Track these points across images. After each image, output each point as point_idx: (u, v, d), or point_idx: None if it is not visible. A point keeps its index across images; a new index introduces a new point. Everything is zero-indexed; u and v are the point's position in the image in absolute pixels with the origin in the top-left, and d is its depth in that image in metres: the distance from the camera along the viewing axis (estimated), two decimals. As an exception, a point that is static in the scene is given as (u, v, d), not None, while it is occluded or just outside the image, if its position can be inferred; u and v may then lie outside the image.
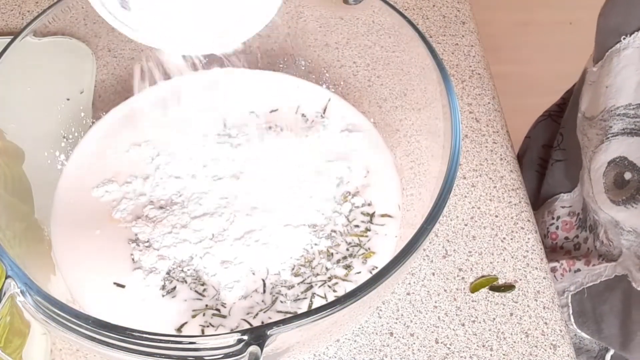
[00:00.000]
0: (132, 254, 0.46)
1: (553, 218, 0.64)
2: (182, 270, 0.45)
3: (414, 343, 0.49)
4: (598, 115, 0.53)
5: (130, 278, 0.45)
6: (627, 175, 0.50)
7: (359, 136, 0.54)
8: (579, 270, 0.58)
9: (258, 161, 0.51)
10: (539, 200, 0.67)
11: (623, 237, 0.52)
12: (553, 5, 1.69)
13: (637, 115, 0.50)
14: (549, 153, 0.70)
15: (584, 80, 0.59)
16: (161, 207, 0.49)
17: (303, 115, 0.55)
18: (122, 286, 0.45)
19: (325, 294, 0.45)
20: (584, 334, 0.59)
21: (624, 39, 0.50)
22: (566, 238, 0.63)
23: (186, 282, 0.45)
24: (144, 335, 0.32)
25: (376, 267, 0.46)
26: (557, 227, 0.64)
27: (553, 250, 0.61)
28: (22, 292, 0.34)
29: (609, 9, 0.53)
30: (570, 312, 0.59)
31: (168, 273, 0.45)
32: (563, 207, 0.64)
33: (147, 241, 0.47)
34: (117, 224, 0.48)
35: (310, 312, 0.33)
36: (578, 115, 0.59)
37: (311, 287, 0.45)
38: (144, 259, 0.46)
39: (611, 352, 0.58)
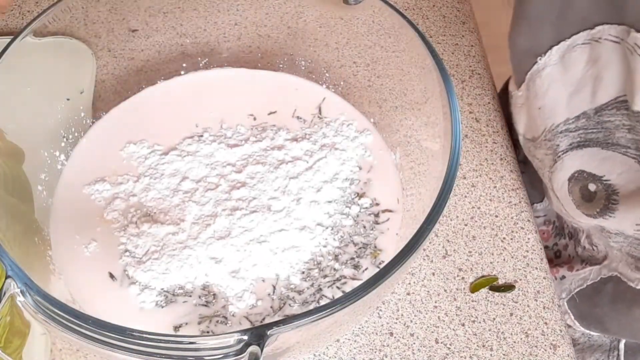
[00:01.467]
0: (125, 270, 0.46)
1: None
2: (182, 288, 0.45)
3: (414, 343, 0.49)
4: (540, 137, 0.53)
5: (127, 290, 0.45)
6: (592, 187, 0.50)
7: (359, 136, 0.54)
8: (564, 277, 0.58)
9: (257, 162, 0.51)
10: None
11: (611, 240, 0.52)
12: (553, 5, 1.68)
13: (578, 127, 0.50)
14: None
15: (510, 102, 0.59)
16: (156, 219, 0.48)
17: (299, 117, 0.55)
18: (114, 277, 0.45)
19: (333, 295, 0.45)
20: (593, 333, 0.59)
21: (539, 59, 0.50)
22: (546, 247, 0.63)
23: (190, 295, 0.45)
24: (144, 335, 0.32)
25: (383, 262, 0.46)
26: None
27: None
28: (22, 292, 0.34)
29: (516, 33, 0.53)
30: (572, 317, 0.59)
31: (165, 290, 0.45)
32: (538, 216, 0.64)
33: (140, 258, 0.46)
34: (110, 225, 0.48)
35: (310, 312, 0.33)
36: (519, 137, 0.59)
37: (320, 289, 0.45)
38: (137, 275, 0.45)
39: (623, 341, 0.58)
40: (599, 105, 0.48)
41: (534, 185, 0.64)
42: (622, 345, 0.58)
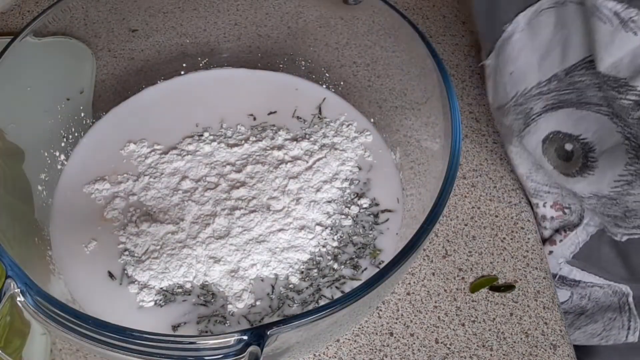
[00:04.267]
0: (125, 269, 0.46)
1: None
2: (181, 287, 0.45)
3: (414, 343, 0.49)
4: (510, 102, 0.54)
5: (126, 289, 0.45)
6: (568, 147, 0.51)
7: (359, 136, 0.54)
8: (551, 252, 0.58)
9: (256, 162, 0.51)
10: None
11: (585, 202, 0.53)
12: (553, 5, 1.68)
13: (550, 89, 0.51)
14: None
15: (484, 77, 0.60)
16: (156, 219, 0.48)
17: (299, 117, 0.55)
18: (114, 277, 0.45)
19: (332, 295, 0.45)
20: (602, 281, 0.58)
21: (506, 27, 0.51)
22: None
23: (189, 294, 0.45)
24: (144, 335, 0.32)
25: (383, 262, 0.46)
26: None
27: None
28: (22, 292, 0.34)
29: (480, 4, 0.54)
30: (580, 269, 0.58)
31: (164, 289, 0.45)
32: None
33: (139, 257, 0.46)
34: (110, 224, 0.48)
35: (310, 312, 0.33)
36: (491, 109, 0.60)
37: (319, 289, 0.45)
38: (136, 274, 0.45)
39: (631, 295, 0.58)
40: (569, 66, 0.49)
41: None
42: (631, 300, 0.58)
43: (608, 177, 0.49)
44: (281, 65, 0.59)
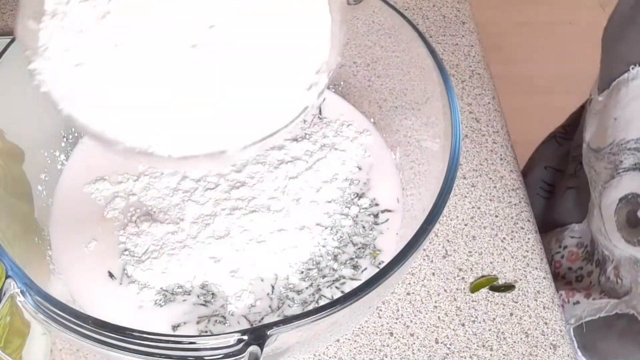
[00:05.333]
0: (124, 269, 0.46)
1: (560, 247, 0.63)
2: (181, 287, 0.45)
3: (414, 343, 0.49)
4: (606, 148, 0.51)
5: (126, 289, 0.45)
6: None
7: (359, 136, 0.54)
8: (578, 302, 0.56)
9: (257, 162, 0.51)
10: (546, 225, 0.64)
11: None
12: (553, 5, 1.69)
13: None
14: (551, 176, 0.69)
15: (587, 108, 0.57)
16: (156, 219, 0.48)
17: (300, 117, 0.55)
18: (114, 276, 0.45)
19: (332, 295, 0.45)
20: None
21: (632, 68, 0.47)
22: (569, 268, 0.61)
23: (189, 294, 0.45)
24: (144, 335, 0.32)
25: (383, 262, 0.46)
26: (562, 257, 0.62)
27: (554, 279, 0.58)
28: (22, 292, 0.34)
29: (614, 36, 0.50)
30: (575, 346, 0.57)
31: (164, 289, 0.45)
32: (572, 237, 0.62)
33: (140, 257, 0.46)
34: (110, 224, 0.48)
35: (310, 312, 0.33)
36: (583, 145, 0.56)
37: (319, 289, 0.45)
38: (136, 274, 0.45)
39: None
40: None
41: (579, 202, 0.61)
42: None
43: None
44: (281, 65, 0.58)
